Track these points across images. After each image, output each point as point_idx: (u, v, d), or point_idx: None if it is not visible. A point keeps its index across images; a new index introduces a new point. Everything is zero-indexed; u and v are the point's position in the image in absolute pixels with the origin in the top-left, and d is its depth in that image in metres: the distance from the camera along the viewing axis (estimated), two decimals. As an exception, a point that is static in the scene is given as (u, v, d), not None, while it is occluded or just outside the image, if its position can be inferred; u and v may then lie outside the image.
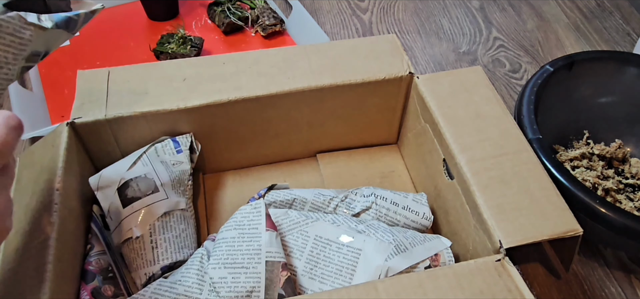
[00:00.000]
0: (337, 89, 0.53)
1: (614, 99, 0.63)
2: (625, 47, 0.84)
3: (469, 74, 0.54)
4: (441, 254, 0.44)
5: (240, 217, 0.45)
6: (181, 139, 0.51)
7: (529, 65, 0.80)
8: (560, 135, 0.63)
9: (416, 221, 0.50)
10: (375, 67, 0.54)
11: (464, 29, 0.86)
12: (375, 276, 0.42)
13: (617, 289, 0.53)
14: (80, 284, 0.42)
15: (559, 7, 0.91)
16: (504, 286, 0.37)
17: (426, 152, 0.53)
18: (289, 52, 0.55)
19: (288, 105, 0.53)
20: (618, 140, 0.63)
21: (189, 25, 0.82)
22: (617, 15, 0.90)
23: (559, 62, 0.60)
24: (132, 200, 0.45)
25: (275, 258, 0.42)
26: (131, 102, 0.49)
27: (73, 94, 0.49)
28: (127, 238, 0.44)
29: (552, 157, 0.49)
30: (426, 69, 0.78)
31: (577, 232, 0.41)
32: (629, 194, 0.59)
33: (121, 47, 0.77)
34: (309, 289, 0.44)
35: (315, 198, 0.51)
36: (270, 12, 0.80)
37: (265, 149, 0.58)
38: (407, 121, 0.58)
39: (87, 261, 0.43)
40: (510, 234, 0.40)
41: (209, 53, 0.76)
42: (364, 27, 0.85)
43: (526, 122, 0.53)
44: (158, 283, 0.43)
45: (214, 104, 0.50)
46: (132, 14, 0.83)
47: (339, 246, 0.45)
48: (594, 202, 0.46)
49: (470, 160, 0.46)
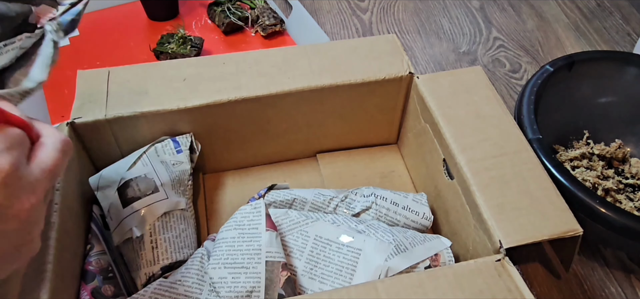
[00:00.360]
0: (337, 89, 0.53)
1: (614, 99, 0.63)
2: (625, 47, 0.84)
3: (469, 74, 0.54)
4: (441, 254, 0.44)
5: (240, 218, 0.45)
6: (181, 139, 0.51)
7: (529, 65, 0.80)
8: (560, 135, 0.63)
9: (416, 221, 0.50)
10: (375, 67, 0.54)
11: (464, 29, 0.86)
12: (375, 276, 0.42)
13: (617, 289, 0.53)
14: (80, 284, 0.42)
15: (559, 7, 0.91)
16: (504, 286, 0.37)
17: (426, 152, 0.53)
18: (289, 52, 0.55)
19: (288, 105, 0.53)
20: (618, 140, 0.63)
21: (189, 25, 0.81)
22: (617, 15, 0.90)
23: (559, 62, 0.60)
24: (132, 200, 0.45)
25: (275, 258, 0.42)
26: (131, 102, 0.49)
27: (73, 94, 0.49)
28: (127, 238, 0.44)
29: (552, 157, 0.49)
30: (426, 69, 0.78)
31: (577, 232, 0.41)
32: (629, 194, 0.59)
33: (121, 47, 0.77)
34: (309, 289, 0.44)
35: (315, 198, 0.51)
36: (270, 12, 0.80)
37: (265, 149, 0.58)
38: (407, 121, 0.58)
39: (87, 261, 0.43)
40: (510, 234, 0.40)
41: (209, 53, 0.76)
42: (364, 27, 0.85)
43: (526, 122, 0.53)
44: (158, 283, 0.43)
45: (214, 104, 0.50)
46: (132, 14, 0.83)
47: (339, 246, 0.45)
48: (594, 202, 0.46)
49: (470, 160, 0.46)
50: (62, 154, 0.29)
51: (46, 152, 0.28)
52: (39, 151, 0.28)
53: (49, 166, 0.28)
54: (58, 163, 0.29)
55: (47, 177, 0.28)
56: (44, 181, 0.28)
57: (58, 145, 0.29)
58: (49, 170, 0.28)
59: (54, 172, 0.29)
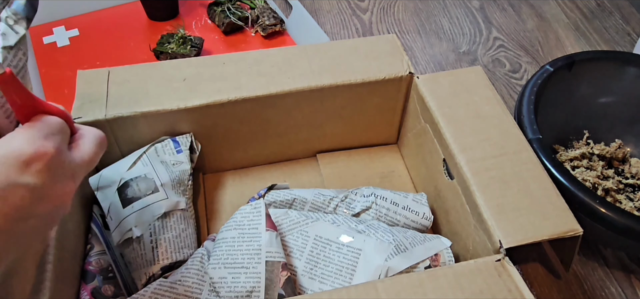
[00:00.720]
0: (337, 89, 0.53)
1: (614, 99, 0.63)
2: (625, 47, 0.84)
3: (469, 74, 0.54)
4: (441, 254, 0.44)
5: (240, 218, 0.45)
6: (181, 139, 0.51)
7: (529, 66, 0.80)
8: (560, 135, 0.63)
9: (416, 221, 0.50)
10: (375, 67, 0.54)
11: (464, 29, 0.86)
12: (375, 276, 0.42)
13: (617, 289, 0.53)
14: (80, 284, 0.42)
15: (559, 7, 0.91)
16: (504, 286, 0.37)
17: (426, 152, 0.53)
18: (289, 52, 0.55)
19: (288, 105, 0.53)
20: (618, 140, 0.63)
21: (189, 25, 0.81)
22: (617, 15, 0.90)
23: (559, 62, 0.60)
24: (132, 200, 0.45)
25: (275, 258, 0.42)
26: (131, 102, 0.49)
27: (73, 94, 0.49)
28: (127, 238, 0.44)
29: (552, 157, 0.49)
30: (426, 69, 0.78)
31: (577, 232, 0.41)
32: (629, 194, 0.59)
33: (121, 47, 0.77)
34: (309, 289, 0.44)
35: (315, 198, 0.51)
36: (270, 12, 0.80)
37: (265, 149, 0.58)
38: (407, 121, 0.58)
39: (87, 261, 0.43)
40: (510, 234, 0.40)
41: (209, 53, 0.76)
42: (364, 27, 0.85)
43: (526, 122, 0.53)
44: (158, 283, 0.43)
45: (214, 104, 0.50)
46: (132, 14, 0.83)
47: (339, 246, 0.45)
48: (594, 202, 0.46)
49: (470, 160, 0.46)
50: (98, 146, 0.31)
51: (85, 143, 0.30)
52: (79, 140, 0.30)
53: (87, 155, 0.30)
54: (95, 154, 0.31)
55: (85, 166, 0.30)
56: (82, 169, 0.30)
57: (94, 138, 0.31)
58: (87, 160, 0.30)
59: (91, 162, 0.31)
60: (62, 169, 0.28)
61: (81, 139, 0.31)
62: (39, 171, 0.26)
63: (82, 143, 0.31)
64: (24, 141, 0.26)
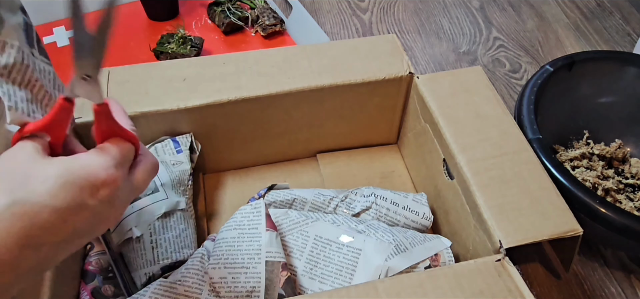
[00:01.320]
0: (337, 89, 0.53)
1: (614, 99, 0.63)
2: (625, 47, 0.84)
3: (469, 74, 0.54)
4: (441, 254, 0.44)
5: (240, 218, 0.45)
6: (181, 139, 0.51)
7: (529, 66, 0.80)
8: (560, 135, 0.63)
9: (416, 221, 0.50)
10: (375, 67, 0.54)
11: (464, 29, 0.86)
12: (375, 276, 0.42)
13: (617, 289, 0.53)
14: (80, 284, 0.42)
15: (559, 7, 0.91)
16: (504, 286, 0.37)
17: (426, 152, 0.53)
18: (289, 52, 0.55)
19: (288, 105, 0.53)
20: (618, 140, 0.63)
21: (189, 25, 0.81)
22: (617, 15, 0.90)
23: (559, 62, 0.60)
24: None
25: (275, 258, 0.42)
26: (131, 102, 0.49)
27: (73, 94, 0.49)
28: (127, 238, 0.44)
29: (552, 157, 0.49)
30: (426, 69, 0.78)
31: (577, 232, 0.41)
32: (629, 194, 0.59)
33: (121, 47, 0.77)
34: (309, 289, 0.44)
35: (315, 198, 0.51)
36: (270, 12, 0.80)
37: (265, 149, 0.58)
38: (407, 121, 0.58)
39: (87, 261, 0.43)
40: (510, 234, 0.40)
41: (209, 53, 0.76)
42: (364, 27, 0.85)
43: (526, 122, 0.53)
44: (158, 283, 0.43)
45: (214, 104, 0.50)
46: (132, 14, 0.83)
47: (339, 246, 0.45)
48: (594, 202, 0.46)
49: (470, 160, 0.46)
50: (151, 176, 0.32)
51: (141, 172, 0.31)
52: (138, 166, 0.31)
53: (141, 185, 0.31)
54: (147, 183, 0.32)
55: (137, 193, 0.31)
56: (134, 196, 0.31)
57: (151, 167, 0.32)
58: (140, 189, 0.31)
59: (142, 191, 0.32)
60: (122, 197, 0.29)
61: (140, 165, 0.31)
62: (105, 197, 0.27)
63: (139, 172, 0.31)
64: (100, 166, 0.27)
